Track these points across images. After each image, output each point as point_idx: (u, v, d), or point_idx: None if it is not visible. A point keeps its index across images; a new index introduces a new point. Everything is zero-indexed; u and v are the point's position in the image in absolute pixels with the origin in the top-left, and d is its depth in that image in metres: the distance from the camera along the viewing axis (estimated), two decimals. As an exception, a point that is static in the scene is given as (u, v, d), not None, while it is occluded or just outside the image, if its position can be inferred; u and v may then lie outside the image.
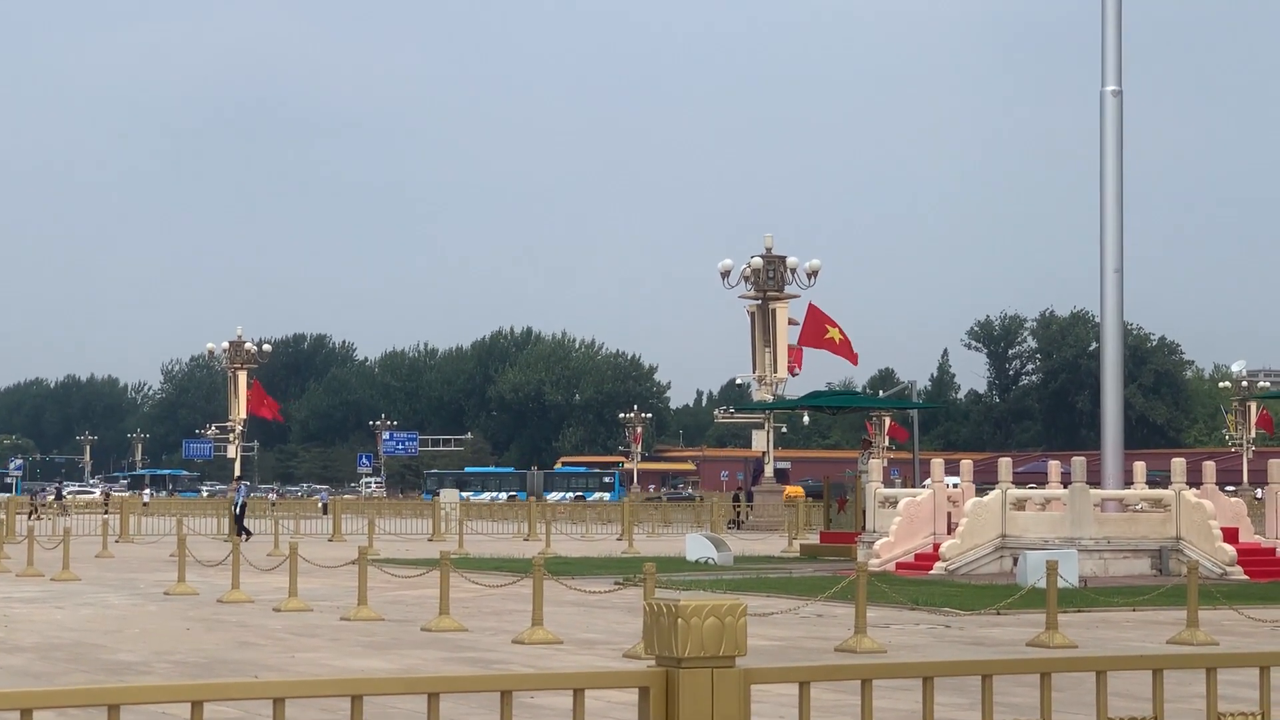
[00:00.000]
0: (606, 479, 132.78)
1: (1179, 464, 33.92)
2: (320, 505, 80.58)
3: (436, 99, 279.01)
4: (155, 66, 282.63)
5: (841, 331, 61.42)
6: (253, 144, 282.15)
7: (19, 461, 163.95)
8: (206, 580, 29.11)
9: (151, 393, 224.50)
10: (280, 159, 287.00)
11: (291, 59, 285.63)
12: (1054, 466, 38.47)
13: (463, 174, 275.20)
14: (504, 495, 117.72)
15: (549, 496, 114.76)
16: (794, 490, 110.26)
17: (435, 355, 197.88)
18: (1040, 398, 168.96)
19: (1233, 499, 37.45)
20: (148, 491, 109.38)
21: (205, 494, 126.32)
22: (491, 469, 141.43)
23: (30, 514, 65.25)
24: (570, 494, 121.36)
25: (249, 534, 50.04)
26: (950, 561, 32.16)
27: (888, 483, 49.21)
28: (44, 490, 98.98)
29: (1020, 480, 51.96)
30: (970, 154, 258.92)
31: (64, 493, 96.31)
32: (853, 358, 61.91)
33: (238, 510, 51.65)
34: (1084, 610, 23.84)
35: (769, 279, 64.41)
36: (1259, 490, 72.26)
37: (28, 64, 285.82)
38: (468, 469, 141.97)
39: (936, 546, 33.31)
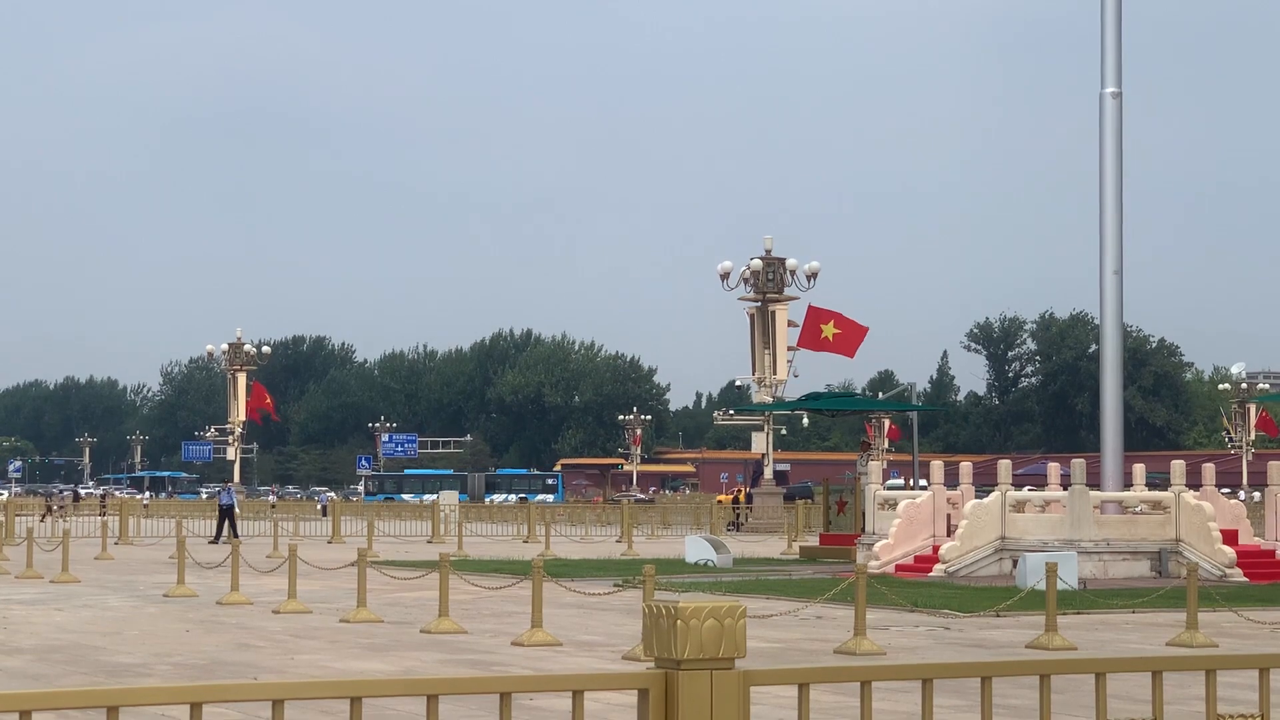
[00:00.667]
0: (550, 481, 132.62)
1: (1178, 466, 33.91)
2: (320, 507, 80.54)
3: (435, 100, 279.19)
4: (155, 67, 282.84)
5: (838, 322, 61.18)
6: (252, 145, 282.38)
7: (18, 463, 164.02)
8: (206, 582, 29.10)
9: (151, 394, 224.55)
10: (279, 160, 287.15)
11: (291, 60, 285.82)
12: (1053, 469, 38.48)
13: (462, 175, 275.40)
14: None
15: (490, 499, 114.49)
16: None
17: (435, 357, 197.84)
18: (1040, 400, 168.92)
19: (1232, 501, 37.44)
20: (147, 493, 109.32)
21: (205, 496, 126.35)
22: (431, 471, 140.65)
23: (45, 515, 65.15)
24: (512, 496, 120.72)
25: (220, 537, 49.69)
26: (950, 564, 32.14)
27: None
28: (61, 491, 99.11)
29: (1020, 482, 51.92)
30: (969, 155, 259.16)
31: (81, 493, 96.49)
32: (850, 348, 61.42)
33: (221, 509, 51.82)
34: (1083, 612, 23.85)
35: (768, 281, 64.40)
36: (1241, 493, 72.25)
37: (28, 64, 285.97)
38: (407, 471, 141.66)
39: (936, 549, 33.30)
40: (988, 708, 5.09)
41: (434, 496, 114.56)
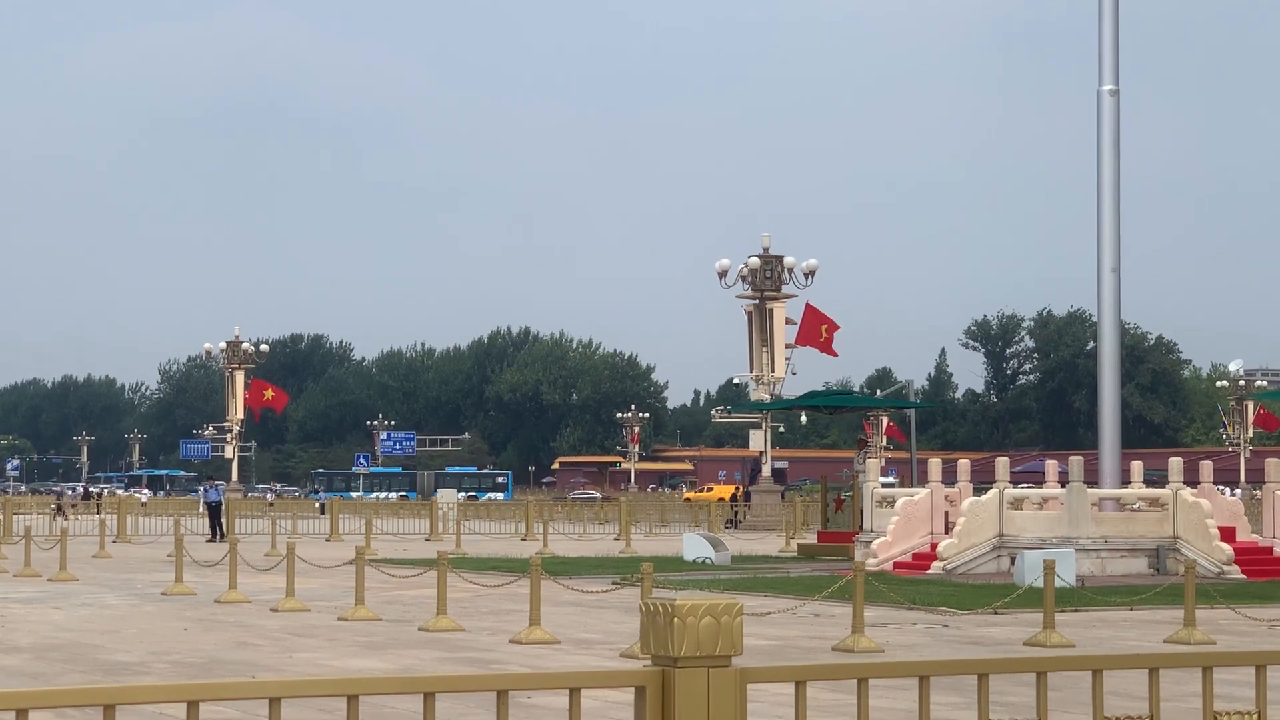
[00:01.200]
0: (499, 479, 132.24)
1: (1176, 463, 33.90)
2: (318, 505, 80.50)
3: (434, 100, 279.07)
4: (155, 67, 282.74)
5: (828, 328, 61.36)
6: (251, 145, 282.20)
7: (16, 462, 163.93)
8: (204, 580, 29.09)
9: (149, 393, 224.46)
10: (278, 159, 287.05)
11: (289, 59, 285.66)
12: (1051, 466, 38.46)
13: (460, 174, 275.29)
14: (394, 495, 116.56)
15: (439, 497, 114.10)
16: (724, 489, 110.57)
17: (433, 355, 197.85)
18: (1038, 397, 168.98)
19: (1230, 498, 37.42)
20: (145, 491, 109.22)
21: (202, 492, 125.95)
22: (380, 469, 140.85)
23: (56, 513, 65.12)
24: (461, 494, 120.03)
25: (216, 534, 50.68)
26: (948, 561, 32.14)
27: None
28: (73, 489, 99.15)
29: (1018, 480, 51.87)
30: (968, 153, 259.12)
31: (91, 491, 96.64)
32: (830, 346, 61.96)
33: (202, 507, 52.35)
34: (1081, 609, 23.85)
35: (766, 279, 64.40)
36: (1231, 489, 72.22)
37: (28, 64, 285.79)
38: (355, 469, 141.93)
39: (934, 546, 33.30)
40: (985, 705, 5.09)
41: (387, 495, 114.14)
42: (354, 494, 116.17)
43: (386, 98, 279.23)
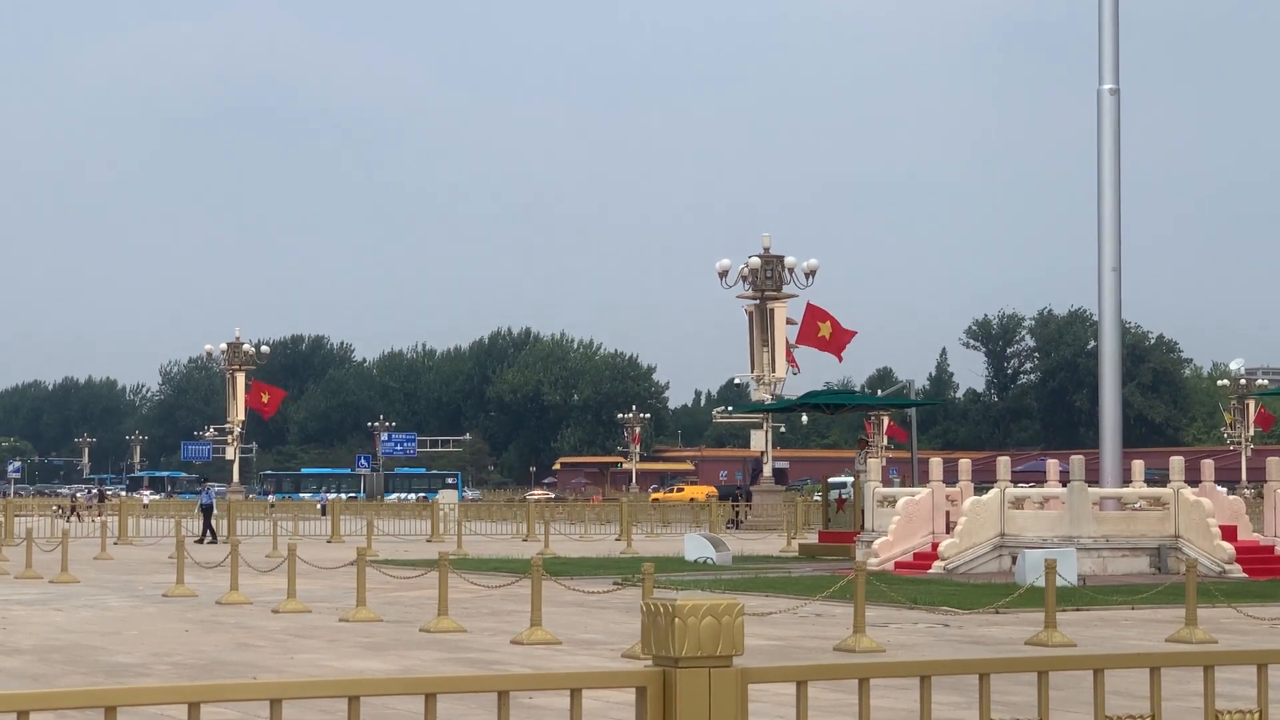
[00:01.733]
0: (449, 480, 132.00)
1: (1177, 462, 33.89)
2: (319, 506, 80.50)
3: (435, 100, 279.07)
4: (155, 67, 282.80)
5: (834, 325, 61.39)
6: (250, 145, 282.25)
7: (17, 464, 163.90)
8: (205, 582, 29.09)
9: (150, 394, 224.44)
10: (278, 160, 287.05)
11: (291, 59, 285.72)
12: (1052, 465, 38.47)
13: (460, 175, 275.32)
14: (343, 496, 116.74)
15: (389, 498, 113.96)
16: (696, 490, 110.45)
17: (433, 356, 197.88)
18: (1038, 396, 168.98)
19: (1231, 497, 37.43)
20: (147, 493, 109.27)
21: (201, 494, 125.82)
22: (329, 470, 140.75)
23: (71, 514, 65.22)
24: (412, 495, 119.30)
25: (215, 537, 51.12)
26: (949, 560, 32.15)
27: (886, 482, 49.12)
28: (86, 491, 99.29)
29: (1019, 479, 51.92)
30: (968, 152, 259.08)
31: (107, 493, 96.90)
32: (838, 348, 61.81)
33: (198, 510, 52.81)
34: (1082, 609, 23.86)
35: (767, 279, 64.44)
36: (1225, 488, 72.18)
37: (28, 64, 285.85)
38: (304, 470, 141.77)
39: (935, 545, 33.31)
40: (986, 705, 5.09)
41: (330, 495, 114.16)
42: (302, 495, 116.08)
43: (387, 97, 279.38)
